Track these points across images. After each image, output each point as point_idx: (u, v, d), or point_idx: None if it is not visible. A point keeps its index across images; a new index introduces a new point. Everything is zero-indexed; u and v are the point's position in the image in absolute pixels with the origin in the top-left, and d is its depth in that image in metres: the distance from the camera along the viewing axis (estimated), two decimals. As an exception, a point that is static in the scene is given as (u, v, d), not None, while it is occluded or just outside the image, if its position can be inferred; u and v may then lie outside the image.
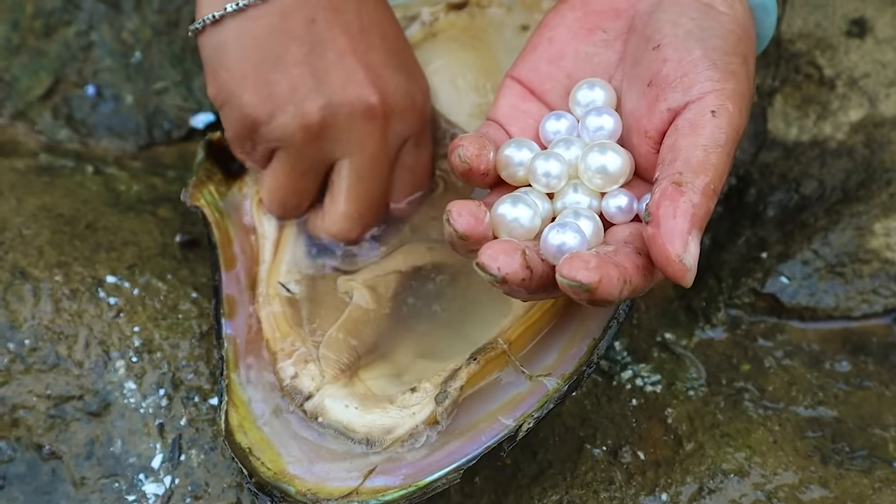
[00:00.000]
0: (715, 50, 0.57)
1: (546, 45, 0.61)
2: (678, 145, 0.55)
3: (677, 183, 0.53)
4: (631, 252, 0.54)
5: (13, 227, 0.71)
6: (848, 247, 0.73)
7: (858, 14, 0.78)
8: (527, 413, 0.59)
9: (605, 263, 0.52)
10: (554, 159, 0.57)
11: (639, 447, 0.66)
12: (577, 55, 0.61)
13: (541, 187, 0.58)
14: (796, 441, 0.66)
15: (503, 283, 0.53)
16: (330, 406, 0.62)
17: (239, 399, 0.64)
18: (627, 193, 0.57)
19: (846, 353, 0.71)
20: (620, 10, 0.61)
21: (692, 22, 0.58)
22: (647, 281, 0.54)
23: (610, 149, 0.57)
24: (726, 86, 0.56)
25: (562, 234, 0.54)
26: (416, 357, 0.65)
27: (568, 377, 0.59)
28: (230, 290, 0.67)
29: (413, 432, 0.60)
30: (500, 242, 0.54)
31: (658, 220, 0.53)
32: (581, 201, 0.57)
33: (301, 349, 0.64)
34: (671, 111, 0.56)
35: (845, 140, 0.76)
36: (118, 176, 0.78)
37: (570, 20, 0.61)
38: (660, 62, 0.57)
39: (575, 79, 0.61)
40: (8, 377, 0.67)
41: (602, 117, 0.59)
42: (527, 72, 0.62)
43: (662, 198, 0.53)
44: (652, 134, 0.57)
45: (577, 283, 0.51)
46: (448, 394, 0.60)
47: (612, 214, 0.57)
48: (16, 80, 0.81)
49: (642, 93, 0.58)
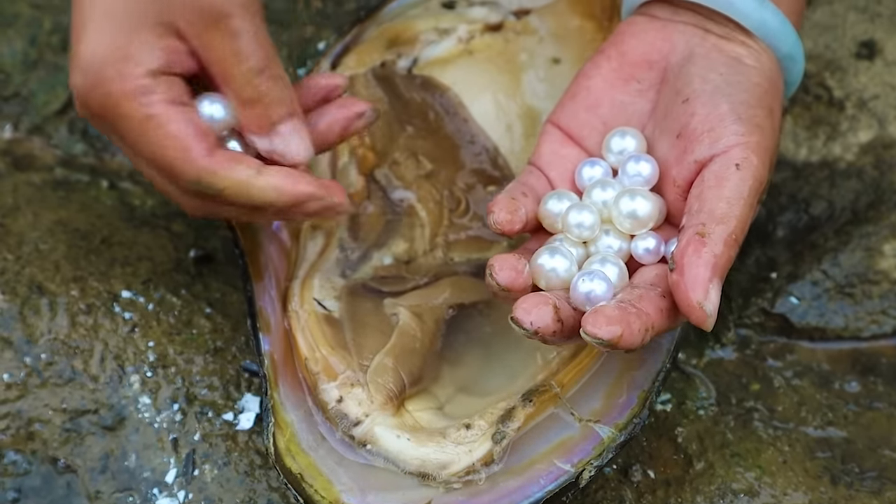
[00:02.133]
0: (741, 104, 0.60)
1: (584, 93, 0.64)
2: (703, 196, 0.58)
3: (700, 234, 0.56)
4: (656, 296, 0.57)
5: (30, 241, 0.72)
6: (857, 267, 0.73)
7: (868, 36, 0.78)
8: (585, 460, 0.60)
9: (626, 314, 0.55)
10: (587, 210, 0.61)
11: (649, 466, 0.66)
12: (612, 104, 0.63)
13: (574, 237, 0.61)
14: (806, 461, 0.67)
15: (535, 335, 0.56)
16: (380, 434, 0.62)
17: (283, 420, 0.63)
18: (655, 236, 0.60)
19: (856, 373, 0.72)
20: (653, 62, 0.63)
21: (720, 77, 0.61)
22: (672, 322, 0.58)
23: (640, 194, 0.60)
24: (751, 139, 0.59)
25: (589, 282, 0.58)
26: (457, 390, 0.65)
27: (622, 427, 0.61)
28: (263, 302, 0.66)
29: (469, 469, 0.61)
30: (534, 296, 0.57)
31: (682, 267, 0.56)
32: (612, 244, 0.61)
33: (347, 372, 0.63)
34: (698, 163, 0.59)
35: (855, 161, 0.77)
36: (132, 190, 0.78)
37: (605, 70, 0.64)
38: (688, 115, 0.60)
39: (610, 126, 0.63)
40: (24, 391, 0.68)
41: (640, 164, 0.62)
42: (567, 118, 0.64)
43: (687, 246, 0.56)
44: (680, 183, 0.60)
45: (599, 339, 0.55)
46: (506, 434, 0.61)
47: (640, 256, 0.61)
48: (33, 95, 0.81)
49: (672, 144, 0.61)
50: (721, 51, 0.62)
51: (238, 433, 0.67)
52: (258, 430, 0.67)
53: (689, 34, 0.63)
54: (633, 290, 0.58)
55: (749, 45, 0.62)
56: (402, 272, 0.68)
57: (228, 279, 0.73)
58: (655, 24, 0.64)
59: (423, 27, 0.74)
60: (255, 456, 0.66)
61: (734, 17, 0.62)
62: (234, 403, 0.68)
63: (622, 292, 0.58)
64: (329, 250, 0.69)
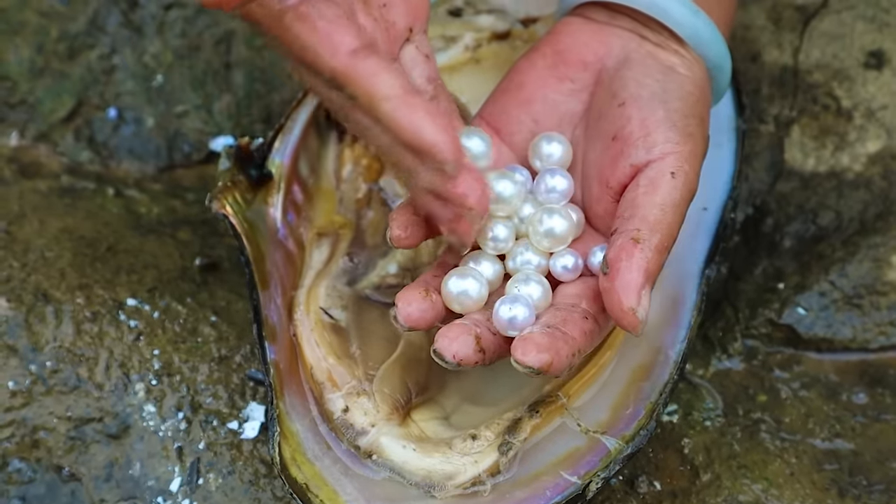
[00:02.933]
0: (676, 112, 0.61)
1: (516, 90, 0.64)
2: (637, 202, 0.59)
3: (635, 239, 0.57)
4: (579, 318, 0.58)
5: (36, 249, 0.72)
6: (865, 278, 0.73)
7: (876, 46, 0.78)
8: (592, 471, 0.60)
9: (554, 341, 0.56)
10: (501, 224, 0.61)
11: (655, 477, 0.66)
12: (544, 101, 0.64)
13: (490, 251, 0.61)
14: (813, 474, 0.66)
15: (458, 366, 0.57)
16: (386, 445, 0.62)
17: (289, 430, 0.63)
18: (573, 253, 0.61)
19: (863, 385, 0.71)
20: (588, 62, 0.63)
21: (657, 83, 0.61)
22: (593, 342, 0.59)
23: (557, 212, 0.61)
24: (685, 148, 0.60)
25: (512, 308, 0.58)
26: (463, 400, 0.65)
27: (629, 438, 0.60)
28: (268, 310, 0.66)
29: (476, 480, 0.60)
30: (456, 325, 0.58)
31: (614, 273, 0.56)
32: (531, 260, 0.61)
33: (353, 382, 0.63)
34: (633, 167, 0.60)
35: (863, 171, 0.77)
36: (138, 198, 0.78)
37: (540, 67, 0.64)
38: (624, 119, 0.61)
39: (541, 124, 0.63)
40: (29, 398, 0.67)
41: (556, 178, 0.62)
42: (497, 114, 0.64)
43: (620, 251, 0.57)
44: (613, 185, 0.61)
45: (530, 368, 0.55)
46: (512, 445, 0.61)
47: (559, 274, 0.61)
48: (39, 103, 0.82)
49: (606, 146, 0.61)
50: (655, 58, 0.62)
51: (243, 442, 0.67)
52: (263, 439, 0.67)
53: (625, 39, 0.63)
54: (556, 312, 0.58)
55: (682, 55, 0.63)
56: (407, 281, 0.68)
57: (234, 287, 0.72)
58: (592, 26, 0.64)
59: (430, 35, 0.74)
60: (259, 465, 0.66)
61: (669, 25, 0.62)
62: (238, 412, 0.68)
63: (545, 315, 0.58)
64: (335, 259, 0.69)
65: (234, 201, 0.67)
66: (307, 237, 0.69)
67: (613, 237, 0.58)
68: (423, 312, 0.59)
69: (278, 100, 0.82)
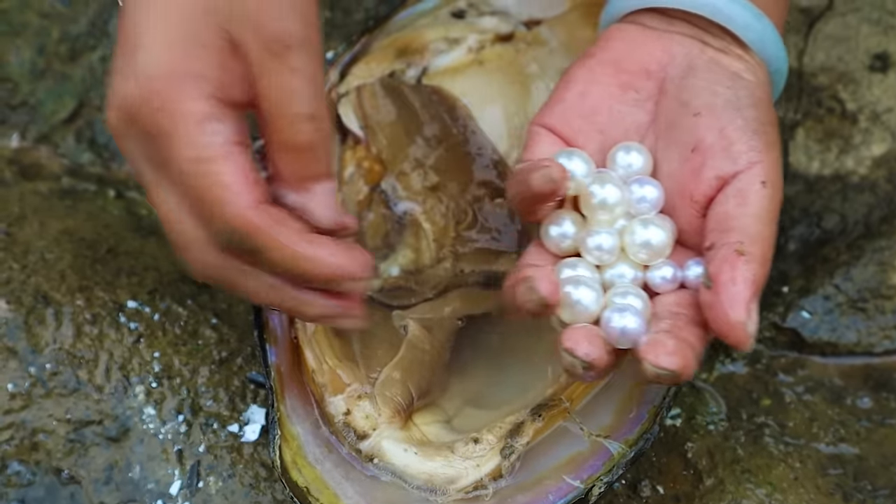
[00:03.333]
0: (754, 119, 0.59)
1: (577, 99, 0.62)
2: (731, 214, 0.57)
3: (739, 251, 0.56)
4: (687, 324, 0.57)
5: (36, 250, 0.72)
6: (870, 282, 0.73)
7: (881, 48, 0.78)
8: (595, 476, 0.60)
9: (681, 344, 0.55)
10: (606, 233, 0.59)
11: (658, 481, 0.66)
12: (610, 113, 0.62)
13: (593, 260, 0.60)
14: (818, 478, 0.66)
15: (589, 368, 0.55)
16: (388, 448, 0.61)
17: (289, 433, 0.62)
18: (672, 264, 0.59)
19: (868, 389, 0.71)
20: (651, 71, 0.62)
21: (728, 90, 0.60)
22: (704, 349, 0.57)
23: (652, 223, 0.59)
24: (769, 156, 0.58)
25: (622, 318, 0.56)
26: (464, 404, 0.65)
27: (633, 443, 0.60)
28: (269, 313, 0.65)
29: (478, 485, 0.60)
30: (579, 329, 0.56)
31: (720, 287, 0.55)
32: (626, 273, 0.59)
33: (354, 385, 0.63)
34: (719, 179, 0.58)
35: (867, 174, 0.76)
36: (139, 200, 0.78)
37: (600, 76, 0.62)
38: (703, 129, 0.59)
39: (608, 136, 0.62)
40: (28, 401, 0.67)
41: (645, 187, 0.60)
42: (559, 123, 0.62)
43: (723, 265, 0.55)
44: (698, 198, 0.59)
45: (665, 370, 0.54)
46: (515, 449, 0.61)
47: (657, 285, 0.59)
48: (40, 104, 0.81)
49: (685, 158, 0.60)
50: (720, 64, 0.61)
51: (243, 445, 0.66)
52: (263, 442, 0.66)
53: (687, 45, 0.62)
54: (661, 321, 0.57)
55: (745, 60, 0.61)
56: (410, 284, 0.68)
57: (235, 290, 0.72)
58: (649, 33, 0.63)
59: (433, 37, 0.74)
60: (259, 468, 0.66)
61: (733, 30, 0.61)
62: (239, 415, 0.67)
63: (654, 324, 0.57)
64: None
65: None
66: None
67: (711, 251, 0.57)
68: (553, 289, 0.56)
69: (280, 102, 0.82)
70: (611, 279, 0.59)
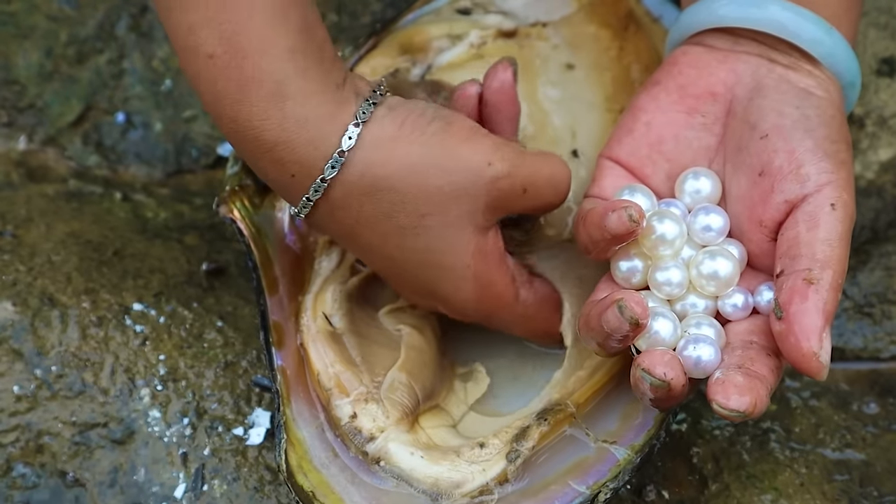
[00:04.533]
0: (825, 139, 0.58)
1: (644, 129, 0.62)
2: (800, 240, 0.57)
3: (808, 280, 0.55)
4: (760, 354, 0.56)
5: (42, 253, 0.72)
6: (877, 287, 0.72)
7: (888, 53, 0.78)
8: (600, 482, 0.59)
9: (752, 381, 0.54)
10: (675, 267, 0.59)
11: (663, 486, 0.65)
12: (677, 140, 0.62)
13: (662, 295, 0.59)
14: (824, 484, 0.66)
15: (666, 390, 0.55)
16: (394, 451, 0.61)
17: (295, 437, 0.62)
18: (743, 291, 0.59)
19: (874, 394, 0.71)
20: (718, 94, 0.61)
21: (797, 111, 0.59)
22: (778, 379, 0.57)
23: (719, 254, 0.59)
24: (839, 176, 0.58)
25: (697, 348, 0.56)
26: (471, 409, 0.65)
27: (639, 448, 0.60)
28: (276, 316, 0.65)
29: (483, 489, 0.60)
30: (658, 351, 0.56)
31: (791, 317, 0.55)
32: (697, 304, 0.59)
33: (360, 388, 0.63)
34: (788, 203, 0.58)
35: (875, 179, 0.76)
36: (146, 203, 0.78)
37: (665, 103, 0.62)
38: (770, 152, 0.58)
39: (675, 163, 0.62)
40: (34, 403, 0.67)
41: (710, 216, 0.60)
42: (626, 154, 0.62)
43: (793, 294, 0.55)
44: (768, 223, 0.58)
45: (735, 412, 0.54)
46: (520, 453, 0.60)
47: (728, 314, 0.59)
48: (48, 107, 0.82)
49: (753, 181, 0.59)
50: (789, 82, 0.60)
51: (248, 448, 0.66)
52: (268, 446, 0.66)
53: (754, 64, 0.61)
54: (736, 351, 0.57)
55: (815, 75, 0.60)
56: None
57: (240, 292, 0.72)
58: (715, 54, 0.62)
59: (437, 33, 0.73)
60: (264, 471, 0.66)
61: (804, 47, 0.60)
62: (244, 418, 0.67)
63: (727, 355, 0.57)
64: (343, 266, 0.68)
65: (242, 205, 0.67)
66: (317, 244, 0.69)
67: (781, 279, 0.56)
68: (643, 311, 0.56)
69: (287, 105, 0.82)
70: (682, 309, 0.59)
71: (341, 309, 0.66)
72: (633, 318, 0.55)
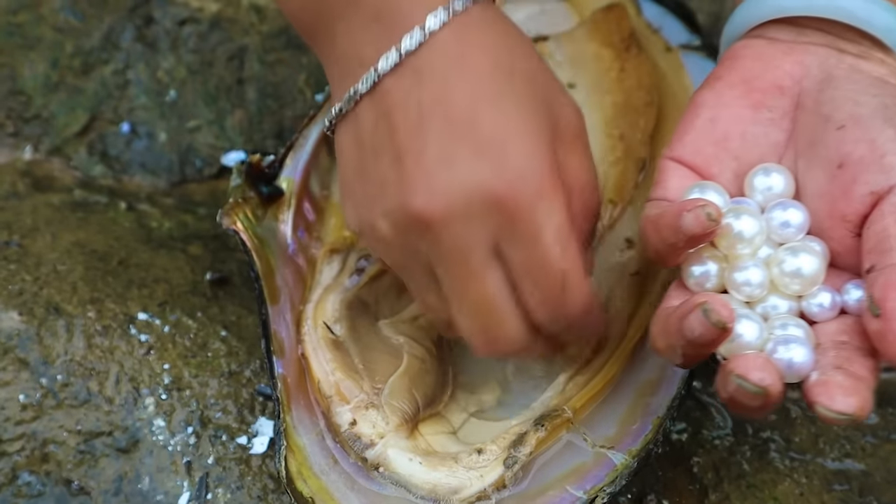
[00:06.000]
0: None
1: (708, 126, 0.58)
2: (890, 232, 0.53)
3: None
4: (855, 354, 0.53)
5: (48, 262, 0.72)
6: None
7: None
8: (598, 486, 0.59)
9: (856, 382, 0.51)
10: (754, 266, 0.55)
11: (664, 496, 0.66)
12: (743, 136, 0.58)
13: (741, 296, 0.56)
14: (823, 494, 0.66)
15: (763, 396, 0.51)
16: (393, 457, 0.61)
17: (295, 444, 0.63)
18: (829, 290, 0.55)
19: (874, 405, 0.71)
20: (785, 87, 0.58)
21: (875, 99, 0.56)
22: (877, 380, 0.53)
23: (802, 250, 0.55)
24: None
25: (789, 349, 0.53)
26: (470, 415, 0.65)
27: (636, 454, 0.60)
28: (277, 325, 0.66)
29: (481, 495, 0.60)
30: (750, 356, 0.52)
31: (889, 313, 0.51)
32: (779, 305, 0.56)
33: (361, 395, 0.63)
34: (874, 194, 0.54)
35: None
36: (150, 212, 0.79)
37: (729, 99, 0.59)
38: (850, 143, 0.55)
39: (743, 161, 0.58)
40: (39, 412, 0.68)
41: (788, 211, 0.56)
42: (690, 154, 0.59)
43: (889, 290, 0.51)
44: (851, 218, 0.55)
45: (842, 414, 0.50)
46: (518, 459, 0.61)
47: (815, 314, 0.55)
48: (53, 117, 0.82)
49: (832, 175, 0.56)
50: (861, 71, 0.57)
51: (252, 457, 0.67)
52: (272, 455, 0.67)
53: (822, 55, 0.58)
54: (826, 352, 0.53)
55: (888, 63, 0.57)
56: None
57: (244, 302, 0.73)
58: (779, 46, 0.59)
59: None
60: (268, 480, 0.66)
61: (877, 35, 0.57)
62: (248, 427, 0.68)
63: (821, 356, 0.53)
64: (344, 275, 0.69)
65: (245, 217, 0.68)
66: (319, 254, 0.69)
67: (872, 275, 0.52)
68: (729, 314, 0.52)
69: (290, 115, 0.82)
70: (763, 312, 0.56)
71: (342, 317, 0.66)
72: (720, 322, 0.51)
